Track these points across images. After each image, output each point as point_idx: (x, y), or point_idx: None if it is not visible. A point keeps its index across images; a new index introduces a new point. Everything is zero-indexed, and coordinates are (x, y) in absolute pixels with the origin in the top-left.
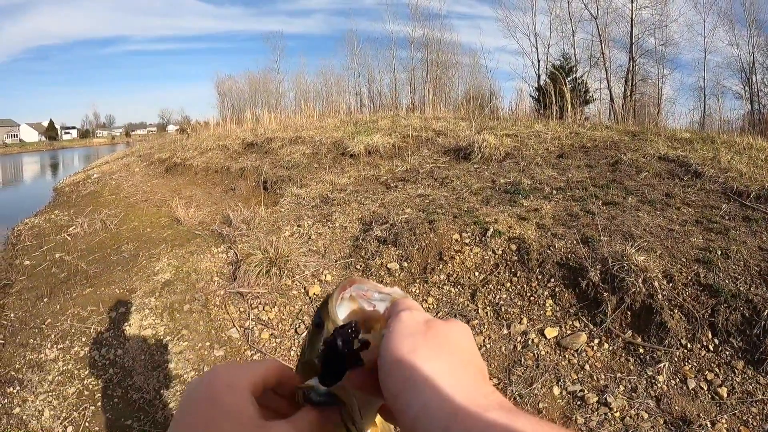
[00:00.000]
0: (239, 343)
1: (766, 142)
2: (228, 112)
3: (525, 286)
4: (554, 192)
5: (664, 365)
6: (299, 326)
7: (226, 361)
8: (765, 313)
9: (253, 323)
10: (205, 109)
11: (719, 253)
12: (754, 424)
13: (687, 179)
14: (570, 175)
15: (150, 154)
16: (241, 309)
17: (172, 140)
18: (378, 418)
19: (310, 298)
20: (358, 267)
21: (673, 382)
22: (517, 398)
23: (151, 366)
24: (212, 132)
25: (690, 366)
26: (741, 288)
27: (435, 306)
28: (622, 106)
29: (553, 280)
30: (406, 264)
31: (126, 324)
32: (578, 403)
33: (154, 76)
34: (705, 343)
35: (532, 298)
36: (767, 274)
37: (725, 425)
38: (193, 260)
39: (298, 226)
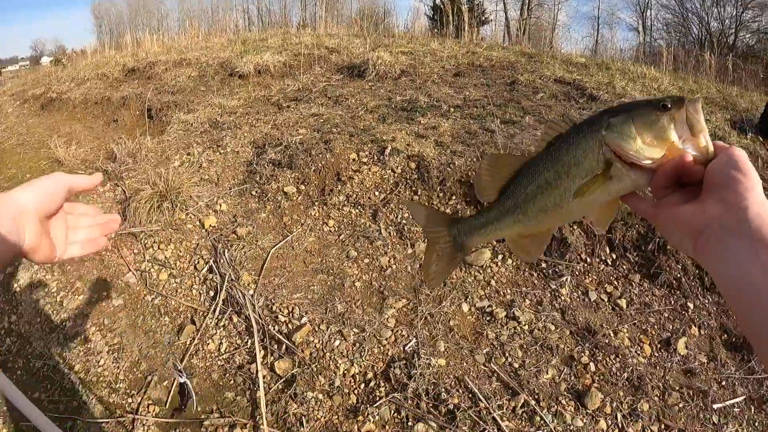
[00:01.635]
0: (138, 288)
1: (658, 73)
2: (106, 37)
3: (426, 204)
4: (452, 110)
5: (566, 279)
6: (198, 262)
7: (121, 304)
8: (659, 231)
9: (150, 264)
10: (82, 36)
11: None
12: (653, 333)
13: (582, 102)
14: (467, 93)
15: (23, 91)
16: (136, 251)
17: (46, 73)
18: None
19: (206, 230)
20: (254, 193)
21: (575, 294)
22: (428, 317)
23: (49, 328)
24: (90, 61)
25: (590, 279)
26: None
27: (336, 228)
28: (518, 28)
29: (454, 197)
30: (303, 187)
31: (15, 285)
32: (487, 318)
33: (23, 4)
34: (603, 258)
35: None
36: None
37: (627, 334)
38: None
39: (188, 154)
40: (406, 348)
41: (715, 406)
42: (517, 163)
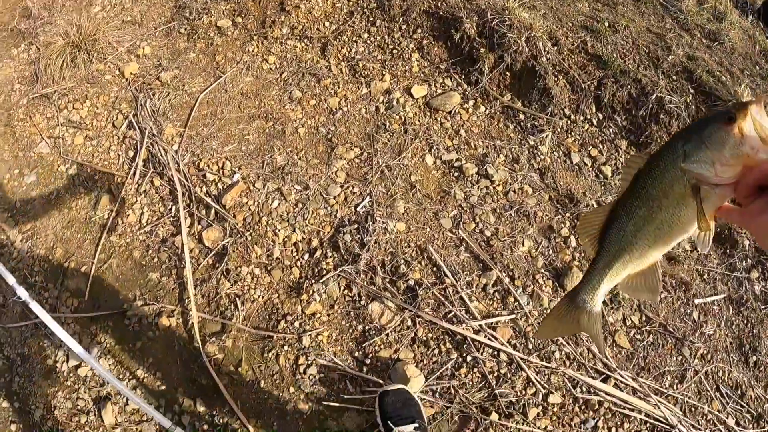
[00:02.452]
0: (51, 158)
1: None
2: None
3: (386, 37)
4: None
5: (547, 135)
6: (116, 118)
7: (34, 181)
8: (653, 97)
9: (64, 129)
10: None
11: (607, 24)
12: None
13: None
14: None
15: None
16: (49, 115)
17: None
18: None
19: (127, 80)
20: (182, 30)
21: (556, 154)
22: (385, 170)
23: None
24: None
25: (573, 139)
26: (630, 66)
27: (278, 65)
28: None
29: (420, 30)
30: (240, 19)
31: None
32: (456, 174)
33: None
34: (589, 117)
35: (395, 52)
36: (656, 57)
37: None
38: None
39: None
40: (358, 209)
41: (696, 302)
42: (605, 211)
